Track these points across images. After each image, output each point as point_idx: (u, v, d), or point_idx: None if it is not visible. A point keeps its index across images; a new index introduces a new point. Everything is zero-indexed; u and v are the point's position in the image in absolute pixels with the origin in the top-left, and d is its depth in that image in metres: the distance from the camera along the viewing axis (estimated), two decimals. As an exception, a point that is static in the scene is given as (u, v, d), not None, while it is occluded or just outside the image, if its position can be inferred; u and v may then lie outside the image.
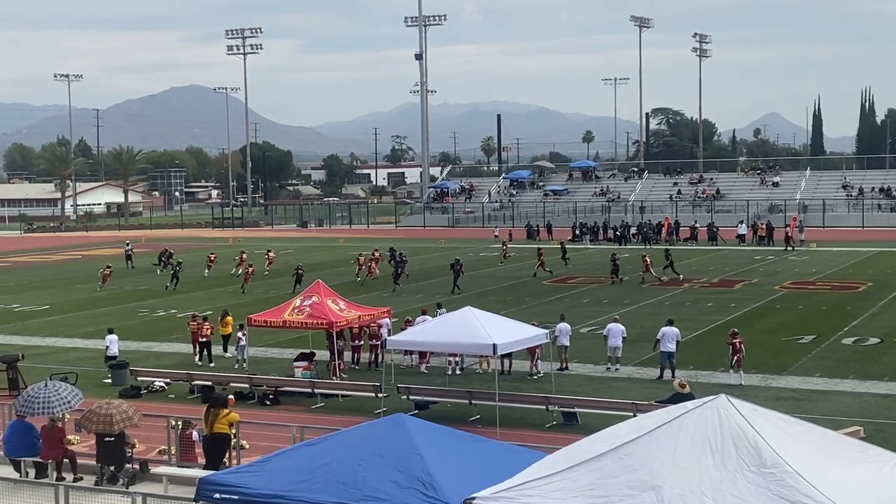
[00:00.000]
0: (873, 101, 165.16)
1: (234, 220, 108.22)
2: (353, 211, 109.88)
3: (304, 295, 27.97)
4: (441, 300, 36.21)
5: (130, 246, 63.57)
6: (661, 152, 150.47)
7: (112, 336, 29.39)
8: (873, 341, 30.78)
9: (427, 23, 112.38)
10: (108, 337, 29.43)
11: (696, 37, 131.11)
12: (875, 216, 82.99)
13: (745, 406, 9.54)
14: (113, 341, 29.17)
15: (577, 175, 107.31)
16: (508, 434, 20.10)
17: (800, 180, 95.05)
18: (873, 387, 24.87)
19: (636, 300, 40.67)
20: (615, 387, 25.43)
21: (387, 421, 11.92)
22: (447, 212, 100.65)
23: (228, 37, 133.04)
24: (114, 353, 28.90)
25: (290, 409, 24.21)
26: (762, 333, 32.18)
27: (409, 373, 27.44)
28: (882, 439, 18.59)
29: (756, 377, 26.00)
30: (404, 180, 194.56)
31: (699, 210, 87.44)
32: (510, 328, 24.00)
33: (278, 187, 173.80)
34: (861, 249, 60.99)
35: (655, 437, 9.40)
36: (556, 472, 9.57)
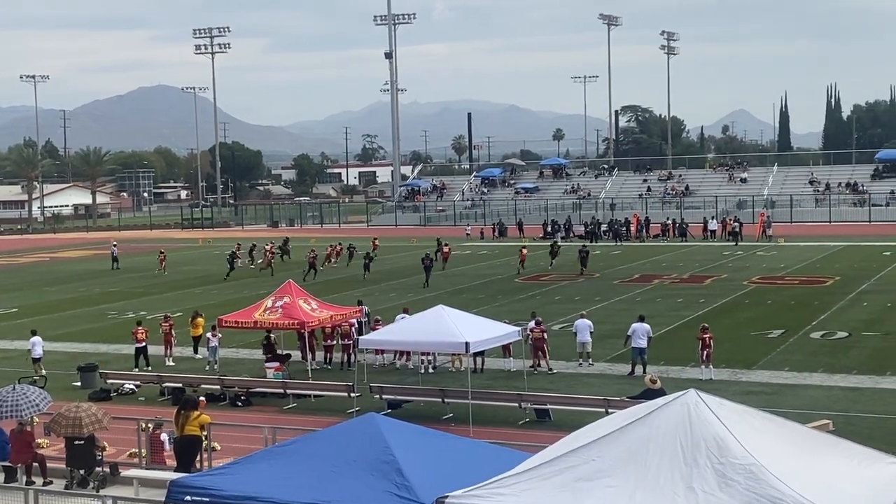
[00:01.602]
0: (839, 97, 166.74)
1: (203, 220, 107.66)
2: (324, 210, 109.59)
3: (276, 295, 27.86)
4: (413, 299, 36.24)
5: (117, 246, 62.82)
6: (630, 149, 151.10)
7: (36, 338, 28.88)
8: (841, 335, 31.08)
9: (397, 21, 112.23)
10: (32, 339, 28.93)
11: (663, 34, 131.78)
12: (842, 211, 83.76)
13: (715, 401, 9.61)
14: (36, 343, 28.71)
15: (547, 173, 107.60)
16: (481, 432, 20.13)
17: (767, 176, 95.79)
18: (842, 380, 25.10)
19: (607, 297, 40.85)
20: (587, 383, 25.54)
21: (359, 421, 11.91)
22: (419, 210, 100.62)
23: (196, 36, 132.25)
24: (38, 355, 28.51)
25: (262, 410, 24.11)
26: (731, 328, 32.42)
27: (381, 372, 27.42)
28: (851, 432, 18.77)
29: (726, 372, 26.19)
30: (375, 179, 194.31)
31: (669, 207, 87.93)
32: (482, 326, 24.03)
33: (248, 187, 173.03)
34: (828, 244, 61.57)
35: (627, 435, 9.44)
36: (529, 470, 9.60)
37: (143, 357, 29.07)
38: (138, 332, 29.26)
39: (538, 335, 27.20)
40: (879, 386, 24.34)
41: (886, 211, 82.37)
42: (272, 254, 56.85)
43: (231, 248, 58.20)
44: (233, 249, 57.18)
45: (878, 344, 29.56)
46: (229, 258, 54.44)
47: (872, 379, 25.02)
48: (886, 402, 22.84)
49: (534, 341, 27.17)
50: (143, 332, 29.36)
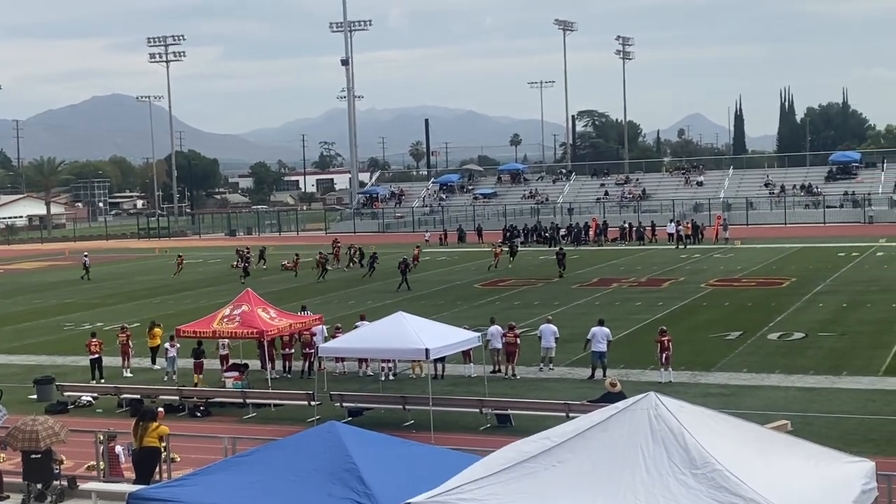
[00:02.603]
0: (792, 101, 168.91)
1: (160, 229, 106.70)
2: (281, 218, 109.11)
3: (234, 304, 27.65)
4: (372, 306, 36.18)
5: (88, 257, 61.99)
6: (587, 154, 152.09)
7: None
8: (798, 336, 31.41)
9: (352, 28, 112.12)
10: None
11: (619, 39, 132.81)
12: (797, 213, 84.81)
13: (674, 403, 9.66)
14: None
15: (505, 178, 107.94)
16: (443, 438, 20.12)
17: (723, 179, 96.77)
18: (799, 380, 25.36)
19: (566, 301, 40.99)
20: (548, 387, 25.59)
21: (320, 429, 11.84)
22: (377, 217, 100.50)
23: (150, 44, 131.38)
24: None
25: (222, 420, 23.91)
26: (690, 331, 32.66)
27: (342, 380, 27.31)
28: (809, 432, 18.99)
29: (685, 374, 26.36)
30: (333, 186, 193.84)
31: (626, 211, 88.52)
32: (442, 332, 24.01)
33: (205, 196, 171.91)
34: (784, 246, 62.26)
35: (587, 439, 9.47)
36: (491, 475, 9.59)
37: (98, 369, 28.73)
38: (92, 344, 28.92)
39: (511, 340, 27.20)
40: (836, 386, 24.62)
41: (840, 212, 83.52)
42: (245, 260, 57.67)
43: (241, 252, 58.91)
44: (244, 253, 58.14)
45: (835, 344, 29.91)
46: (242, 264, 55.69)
47: (829, 379, 25.30)
48: (843, 401, 23.11)
49: (506, 346, 27.14)
50: (96, 343, 29.01)
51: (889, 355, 27.78)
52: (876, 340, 30.05)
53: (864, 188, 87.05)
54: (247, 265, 56.10)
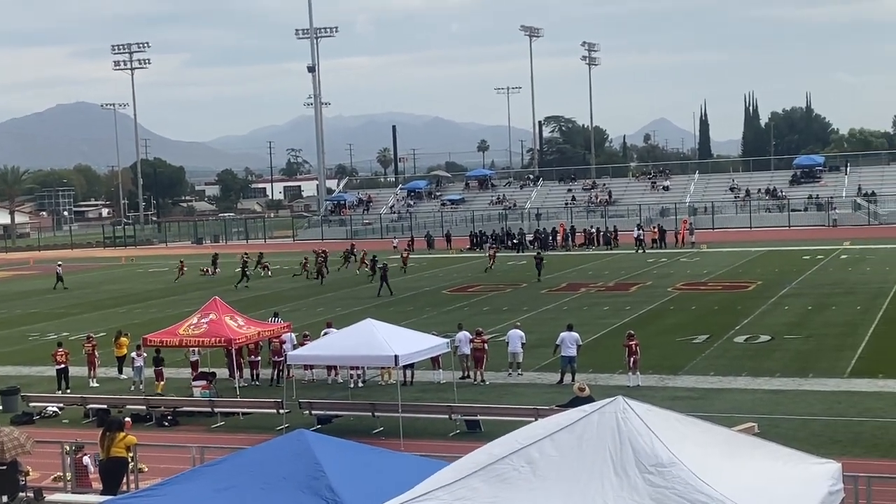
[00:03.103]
0: (757, 105, 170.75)
1: (126, 238, 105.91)
2: (249, 226, 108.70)
3: (202, 312, 27.48)
4: (341, 313, 36.11)
5: (61, 266, 61.34)
6: (554, 159, 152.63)
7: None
8: (764, 339, 31.65)
9: (319, 35, 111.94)
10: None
11: (584, 45, 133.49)
12: (762, 217, 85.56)
13: (642, 407, 9.70)
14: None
15: (473, 184, 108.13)
16: (412, 445, 20.09)
17: (689, 184, 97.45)
18: (765, 383, 25.56)
19: (535, 306, 41.09)
20: (517, 393, 25.63)
21: (288, 437, 11.77)
22: (345, 224, 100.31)
23: (115, 52, 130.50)
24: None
25: (190, 429, 23.75)
26: (657, 335, 32.82)
27: (311, 387, 27.21)
28: (776, 434, 19.12)
29: (653, 378, 26.49)
30: (301, 193, 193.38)
31: (593, 216, 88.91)
32: (411, 339, 23.99)
33: (171, 204, 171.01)
34: (749, 249, 62.77)
35: (556, 441, 9.49)
36: (460, 479, 9.58)
37: (64, 379, 28.45)
38: (58, 354, 28.64)
39: (479, 346, 27.23)
40: (802, 388, 24.83)
41: (805, 216, 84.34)
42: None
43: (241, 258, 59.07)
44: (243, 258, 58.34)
45: (800, 346, 30.17)
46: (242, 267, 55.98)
47: (795, 381, 25.51)
48: (809, 403, 23.31)
49: (474, 352, 27.17)
50: (62, 353, 28.73)
51: (854, 357, 28.07)
52: (841, 342, 30.34)
53: (828, 192, 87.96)
54: (244, 269, 55.78)
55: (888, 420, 21.45)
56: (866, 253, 57.19)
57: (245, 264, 56.54)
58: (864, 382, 24.98)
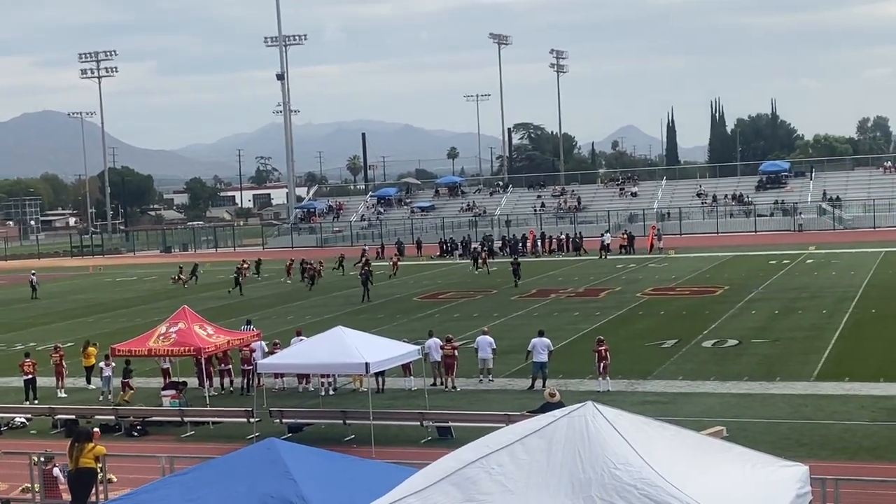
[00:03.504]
0: (723, 111, 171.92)
1: (93, 247, 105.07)
2: (218, 234, 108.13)
3: (170, 321, 27.33)
4: (311, 321, 36.03)
5: (36, 275, 60.64)
6: (524, 166, 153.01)
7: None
8: (732, 343, 31.89)
9: (287, 43, 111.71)
10: None
11: (553, 53, 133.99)
12: (729, 222, 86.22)
13: (611, 412, 9.77)
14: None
15: (443, 191, 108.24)
16: (384, 452, 20.09)
17: (657, 190, 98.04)
18: (734, 387, 25.76)
19: (505, 312, 41.18)
20: (488, 399, 25.68)
21: (258, 446, 11.75)
22: (315, 232, 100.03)
23: (82, 60, 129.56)
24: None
25: (159, 439, 23.62)
26: (627, 340, 33.00)
27: (281, 396, 27.13)
28: (744, 438, 19.29)
29: (622, 383, 26.63)
30: (270, 201, 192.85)
31: (563, 222, 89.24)
32: (382, 346, 24.00)
33: (139, 213, 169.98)
34: (717, 255, 63.23)
35: (526, 445, 9.54)
36: (431, 485, 9.61)
37: (31, 390, 28.20)
38: (25, 365, 28.38)
39: (449, 352, 27.26)
40: (769, 392, 25.04)
41: (771, 221, 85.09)
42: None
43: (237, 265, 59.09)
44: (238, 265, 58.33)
45: (767, 350, 30.42)
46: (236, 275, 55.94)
47: (762, 385, 25.73)
48: (777, 407, 23.51)
49: (444, 358, 27.20)
50: (30, 364, 28.47)
51: (820, 361, 28.34)
52: (808, 346, 30.63)
53: (794, 197, 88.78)
54: (237, 276, 55.74)
55: (855, 423, 21.69)
56: (831, 257, 57.78)
57: (239, 271, 56.41)
58: (831, 386, 25.23)
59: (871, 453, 19.47)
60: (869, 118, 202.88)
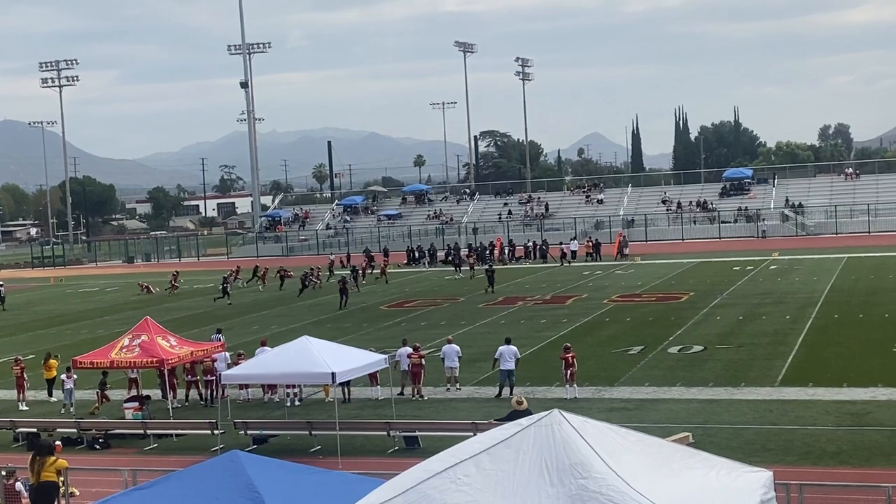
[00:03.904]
0: (687, 119, 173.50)
1: (55, 258, 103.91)
2: (181, 244, 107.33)
3: (133, 333, 27.03)
4: (276, 331, 35.81)
5: (3, 286, 59.76)
6: (490, 174, 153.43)
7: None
8: (697, 349, 32.04)
9: (251, 50, 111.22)
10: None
11: (518, 60, 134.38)
12: (693, 229, 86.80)
13: (577, 419, 9.75)
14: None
15: (410, 199, 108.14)
16: (350, 463, 19.98)
17: (622, 197, 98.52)
18: (699, 393, 25.86)
19: (473, 321, 41.15)
20: (455, 408, 25.61)
21: (222, 459, 11.61)
22: (280, 240, 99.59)
23: (42, 69, 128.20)
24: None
25: (122, 452, 23.36)
26: (594, 346, 33.06)
27: (246, 407, 26.91)
28: (710, 443, 19.38)
29: (589, 390, 26.65)
30: (235, 210, 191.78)
31: (530, 229, 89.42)
32: (348, 355, 23.87)
33: (102, 223, 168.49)
34: (682, 261, 63.58)
35: (493, 455, 9.49)
36: (397, 496, 9.54)
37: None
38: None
39: (416, 361, 27.17)
40: (735, 397, 25.15)
41: (735, 227, 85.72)
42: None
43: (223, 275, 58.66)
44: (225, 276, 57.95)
45: (732, 356, 30.58)
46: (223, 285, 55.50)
47: (728, 391, 25.85)
48: (742, 412, 23.62)
49: (412, 367, 27.12)
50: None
51: (785, 366, 28.53)
52: (772, 352, 30.83)
53: (757, 204, 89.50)
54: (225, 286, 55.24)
55: (819, 428, 21.83)
56: (794, 263, 58.28)
57: (225, 280, 56.11)
58: (795, 391, 25.39)
59: (834, 458, 19.60)
60: (830, 125, 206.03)
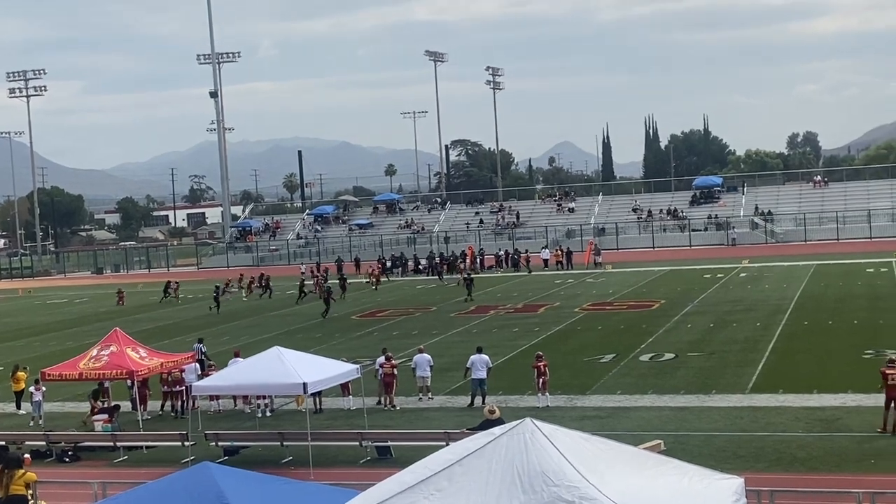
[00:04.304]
0: (656, 128, 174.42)
1: (23, 269, 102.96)
2: (151, 254, 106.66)
3: (102, 344, 26.81)
4: (248, 341, 35.64)
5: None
6: (461, 183, 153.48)
7: None
8: (668, 357, 32.16)
9: (221, 60, 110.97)
10: None
11: (489, 70, 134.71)
12: (664, 236, 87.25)
13: (549, 428, 9.75)
14: None
15: (381, 208, 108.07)
16: (322, 473, 19.89)
17: (593, 205, 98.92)
18: (671, 400, 25.95)
19: (444, 330, 41.11)
20: (427, 417, 25.56)
21: (192, 471, 11.52)
22: (251, 250, 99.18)
23: (10, 79, 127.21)
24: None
25: (92, 464, 23.14)
26: (566, 355, 33.10)
27: (217, 418, 26.74)
28: (681, 451, 19.43)
29: (562, 398, 26.68)
30: (205, 220, 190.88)
31: (501, 238, 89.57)
32: (320, 365, 23.78)
33: (70, 233, 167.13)
34: (653, 269, 63.85)
35: (465, 466, 9.47)
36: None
37: None
38: None
39: (388, 371, 27.09)
40: (706, 405, 25.26)
41: (705, 235, 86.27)
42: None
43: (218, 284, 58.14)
44: (219, 285, 57.52)
45: (703, 364, 30.71)
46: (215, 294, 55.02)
47: (699, 398, 25.95)
48: (713, 420, 23.72)
49: (384, 377, 27.04)
50: None
51: (755, 373, 28.69)
52: (742, 359, 31.00)
53: (727, 211, 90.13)
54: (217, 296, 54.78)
55: (789, 434, 21.95)
56: (764, 271, 58.70)
57: (218, 289, 55.64)
58: (765, 398, 25.53)
59: (804, 464, 19.71)
60: (799, 133, 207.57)
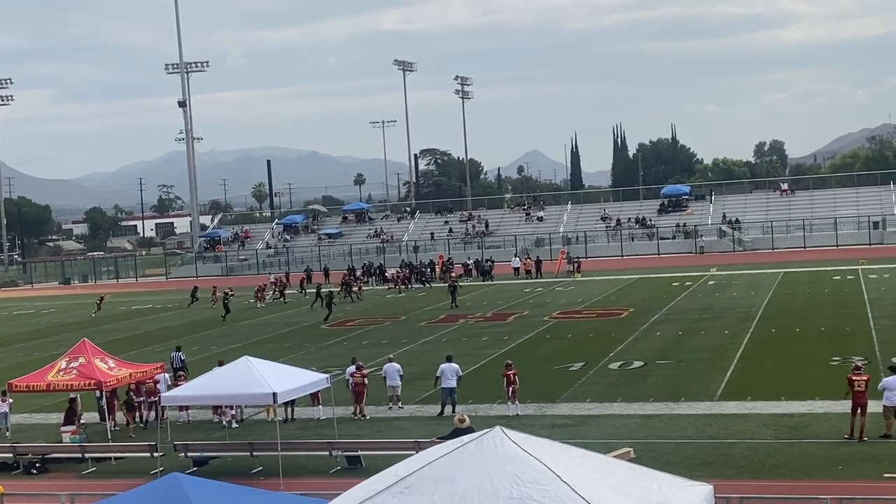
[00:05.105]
0: (625, 137, 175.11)
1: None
2: (119, 264, 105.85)
3: (70, 355, 26.59)
4: (217, 351, 35.44)
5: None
6: (431, 192, 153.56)
7: None
8: (637, 364, 32.32)
9: (189, 69, 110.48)
10: None
11: (457, 79, 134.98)
12: (633, 245, 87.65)
13: (519, 436, 9.80)
14: None
15: (350, 217, 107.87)
16: (292, 483, 19.82)
17: (562, 214, 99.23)
18: (640, 408, 26.08)
19: (414, 339, 41.10)
20: (398, 426, 25.54)
21: (161, 482, 11.47)
22: (220, 260, 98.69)
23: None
24: None
25: (60, 476, 22.92)
26: (535, 363, 33.18)
27: (187, 429, 26.59)
28: (651, 458, 19.52)
29: (532, 406, 26.74)
30: (174, 230, 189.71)
31: (471, 247, 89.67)
32: (290, 375, 23.73)
33: (37, 244, 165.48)
34: (622, 277, 64.17)
35: (436, 469, 9.50)
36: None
37: None
38: None
39: (359, 380, 27.03)
40: (675, 412, 25.41)
41: (673, 243, 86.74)
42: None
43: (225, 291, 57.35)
44: (226, 291, 56.80)
45: (672, 371, 30.89)
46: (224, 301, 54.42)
47: (668, 406, 26.10)
48: (682, 427, 23.86)
49: (354, 386, 26.98)
50: None
51: (724, 380, 28.88)
52: (711, 366, 31.21)
53: (695, 220, 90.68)
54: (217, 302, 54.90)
55: (758, 441, 22.12)
56: (732, 278, 59.12)
57: (226, 297, 55.19)
58: (734, 405, 25.72)
59: (773, 471, 19.87)
60: (765, 142, 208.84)
